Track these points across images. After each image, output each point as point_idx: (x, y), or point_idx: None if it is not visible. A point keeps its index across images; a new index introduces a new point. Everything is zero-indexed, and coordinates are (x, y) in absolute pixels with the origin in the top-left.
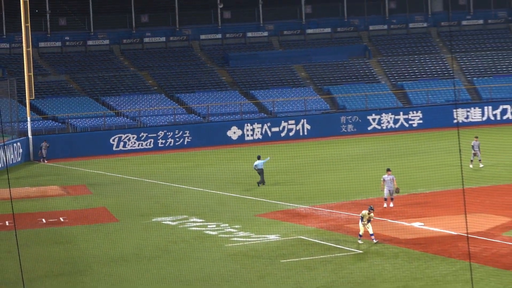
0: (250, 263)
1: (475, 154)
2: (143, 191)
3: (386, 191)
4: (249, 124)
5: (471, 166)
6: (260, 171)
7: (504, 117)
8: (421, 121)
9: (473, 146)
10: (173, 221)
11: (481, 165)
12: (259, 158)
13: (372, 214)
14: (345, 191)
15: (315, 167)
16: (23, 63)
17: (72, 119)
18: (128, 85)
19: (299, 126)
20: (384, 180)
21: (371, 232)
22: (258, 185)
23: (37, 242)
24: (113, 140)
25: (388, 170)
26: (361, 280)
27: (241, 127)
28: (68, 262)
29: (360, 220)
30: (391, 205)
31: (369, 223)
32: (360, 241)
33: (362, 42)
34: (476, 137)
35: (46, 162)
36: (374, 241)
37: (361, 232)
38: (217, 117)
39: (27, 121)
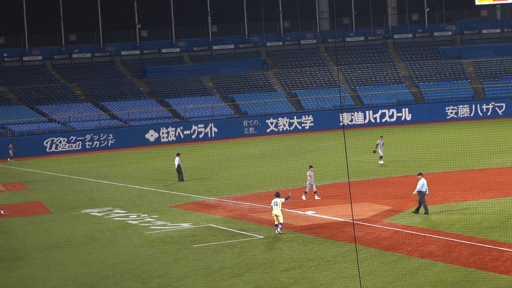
0: (167, 248)
1: (374, 152)
2: (73, 187)
3: (308, 185)
4: (164, 128)
5: (381, 162)
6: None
7: (383, 120)
8: (312, 124)
9: (377, 145)
10: (99, 212)
11: (381, 162)
12: (178, 155)
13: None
14: (248, 185)
15: (222, 164)
16: None
17: (10, 125)
18: (59, 95)
19: (208, 129)
20: (309, 175)
21: (281, 221)
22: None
23: None
24: (47, 143)
25: (311, 166)
26: (262, 262)
27: (157, 131)
28: (7, 250)
29: (274, 207)
30: (317, 197)
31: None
32: (278, 231)
33: (261, 57)
34: (381, 137)
35: (11, 160)
36: (279, 231)
37: (281, 220)
38: (136, 122)
39: None
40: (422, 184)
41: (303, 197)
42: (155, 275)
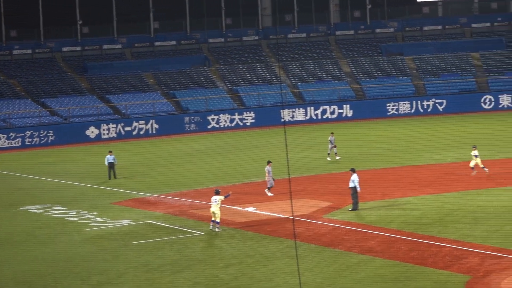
0: (106, 245)
1: (335, 147)
2: (12, 184)
3: (270, 181)
4: (105, 124)
5: (328, 158)
6: (111, 165)
7: (324, 116)
8: (253, 120)
9: (330, 141)
10: (38, 209)
11: (337, 157)
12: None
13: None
14: (189, 181)
15: (162, 161)
16: None
17: None
18: None
19: (149, 125)
20: (268, 171)
21: (218, 220)
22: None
23: None
24: None
25: (269, 162)
26: (202, 258)
27: (98, 127)
28: None
29: (213, 204)
30: (269, 194)
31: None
32: (217, 229)
33: (203, 53)
34: (332, 133)
35: None
36: (217, 229)
37: (218, 219)
38: (77, 119)
39: None
40: (353, 180)
41: (269, 194)
42: (95, 272)
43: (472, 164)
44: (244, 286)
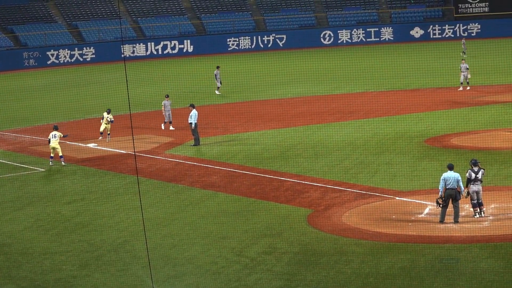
0: None
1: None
2: None
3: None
4: None
5: (217, 92)
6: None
7: (165, 52)
8: (93, 56)
9: (216, 76)
10: None
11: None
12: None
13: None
14: (28, 118)
15: (1, 97)
16: None
17: None
18: None
19: None
20: (164, 105)
21: (61, 154)
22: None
23: None
24: None
25: (167, 96)
26: (44, 195)
27: None
28: None
29: (52, 139)
30: (172, 128)
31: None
32: (63, 163)
33: None
34: (218, 67)
35: None
36: (63, 163)
37: (60, 153)
38: None
39: None
40: (191, 115)
41: (162, 127)
42: None
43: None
44: (86, 222)
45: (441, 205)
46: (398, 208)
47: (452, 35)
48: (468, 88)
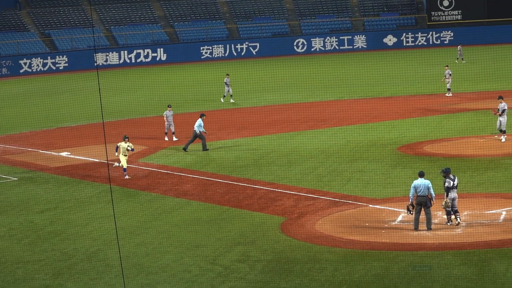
0: None
1: (228, 90)
2: None
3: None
4: None
5: (222, 100)
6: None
7: (138, 60)
8: (66, 64)
9: (226, 83)
10: None
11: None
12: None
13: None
14: (1, 126)
15: None
16: None
17: None
18: None
19: None
20: (165, 115)
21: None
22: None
23: None
24: None
25: (169, 106)
26: (16, 204)
27: None
28: None
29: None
30: (175, 138)
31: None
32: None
33: None
34: (228, 75)
35: None
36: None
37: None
38: None
39: None
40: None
41: (166, 138)
42: None
43: None
44: (59, 230)
45: (411, 212)
46: (371, 216)
47: (425, 43)
48: (449, 94)
